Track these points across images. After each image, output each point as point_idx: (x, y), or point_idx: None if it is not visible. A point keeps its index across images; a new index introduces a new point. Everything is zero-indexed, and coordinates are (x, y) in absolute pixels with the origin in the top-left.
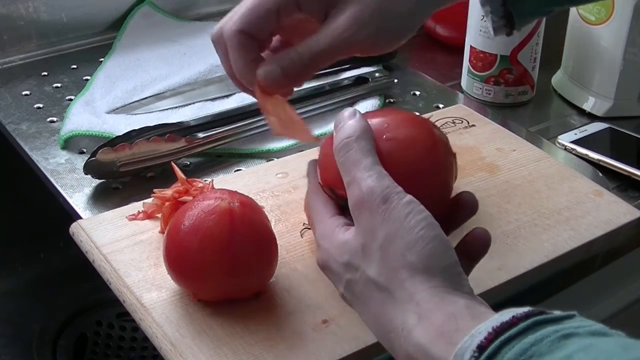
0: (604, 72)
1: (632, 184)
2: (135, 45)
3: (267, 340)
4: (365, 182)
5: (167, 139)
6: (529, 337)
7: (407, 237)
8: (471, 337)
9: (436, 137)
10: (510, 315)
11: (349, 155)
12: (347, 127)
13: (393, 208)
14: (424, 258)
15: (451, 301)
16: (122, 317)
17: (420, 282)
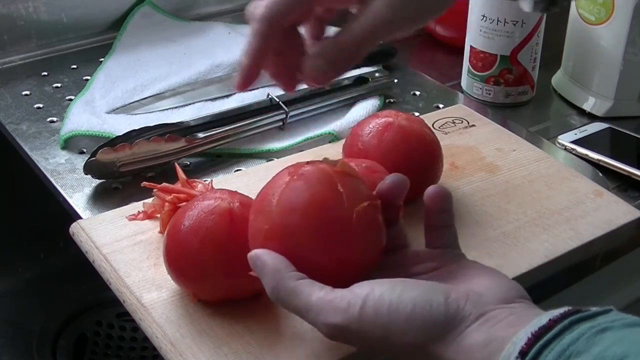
0: (604, 72)
1: (632, 184)
2: (135, 45)
3: (267, 340)
4: (318, 324)
5: (167, 139)
6: (566, 338)
7: (395, 330)
8: (513, 344)
9: (329, 204)
10: (547, 319)
11: (287, 307)
12: (264, 281)
13: (358, 322)
14: (424, 331)
15: (471, 347)
16: (122, 317)
17: (436, 347)
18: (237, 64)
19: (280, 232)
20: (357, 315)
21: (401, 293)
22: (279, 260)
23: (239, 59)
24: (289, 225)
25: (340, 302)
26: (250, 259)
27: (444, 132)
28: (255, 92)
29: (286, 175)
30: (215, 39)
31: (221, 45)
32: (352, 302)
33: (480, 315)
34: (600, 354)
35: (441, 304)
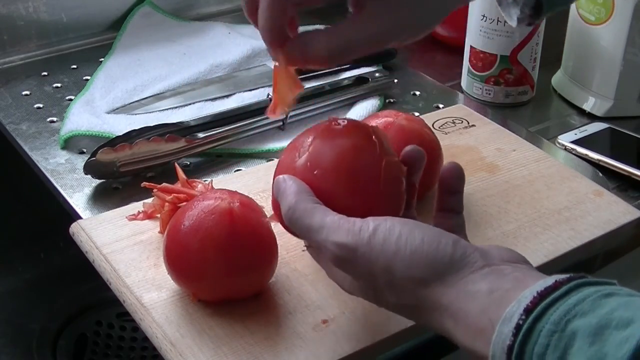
0: (604, 72)
1: (632, 184)
2: (135, 45)
3: (267, 340)
4: (328, 243)
5: (167, 139)
6: (572, 298)
7: (399, 262)
8: (518, 301)
9: (364, 148)
10: (553, 280)
11: (300, 226)
12: (284, 201)
13: (367, 247)
14: (427, 267)
15: (473, 294)
16: (122, 317)
17: (437, 287)
18: None
19: (312, 167)
20: (367, 239)
21: (412, 228)
22: (303, 187)
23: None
24: (322, 162)
25: (353, 225)
26: (276, 182)
27: (444, 132)
28: (255, 92)
29: (325, 122)
30: (215, 39)
31: (221, 45)
32: (364, 227)
33: (485, 265)
34: (606, 315)
35: (449, 245)
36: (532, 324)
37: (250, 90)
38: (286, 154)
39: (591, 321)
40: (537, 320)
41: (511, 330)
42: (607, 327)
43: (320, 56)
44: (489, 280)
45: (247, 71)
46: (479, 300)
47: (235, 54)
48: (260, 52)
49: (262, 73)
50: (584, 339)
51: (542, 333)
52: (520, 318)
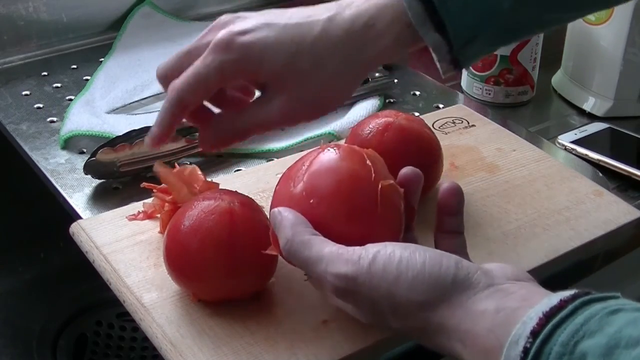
0: (604, 72)
1: (632, 184)
2: (135, 45)
3: (267, 340)
4: (327, 275)
5: None
6: (578, 318)
7: (401, 287)
8: (523, 324)
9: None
10: (558, 299)
11: (298, 259)
12: (281, 234)
13: (367, 275)
14: (430, 290)
15: (480, 313)
16: (122, 317)
17: (442, 310)
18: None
19: (307, 196)
20: (367, 267)
21: (413, 252)
22: (299, 218)
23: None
24: (317, 190)
25: (352, 255)
26: (272, 214)
27: (444, 132)
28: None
29: (318, 150)
30: None
31: None
32: (363, 255)
33: (490, 285)
34: (615, 334)
35: (451, 267)
36: (540, 346)
37: None
38: (281, 184)
39: (600, 341)
40: (545, 343)
41: (519, 354)
42: (617, 346)
43: (227, 137)
44: (495, 299)
45: None
46: (486, 320)
47: None
48: None
49: None
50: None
51: (550, 355)
52: (527, 341)
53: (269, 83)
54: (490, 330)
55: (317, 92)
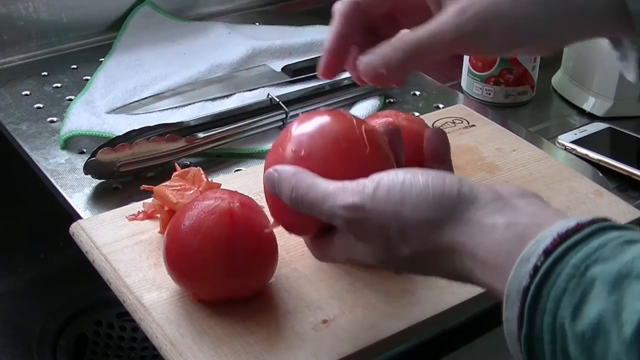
0: (604, 72)
1: (632, 184)
2: (135, 45)
3: (267, 340)
4: (335, 209)
5: (167, 139)
6: (593, 242)
7: (407, 206)
8: (537, 242)
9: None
10: (575, 222)
11: (306, 203)
12: (283, 186)
13: (373, 201)
14: (436, 207)
15: (490, 228)
16: (122, 317)
17: (451, 229)
18: (322, 50)
19: (297, 150)
20: (372, 193)
21: (415, 173)
22: (297, 168)
23: (324, 46)
24: (305, 142)
25: (357, 185)
26: (267, 175)
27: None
28: (255, 92)
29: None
30: (215, 39)
31: (221, 45)
32: (367, 184)
33: (496, 199)
34: (628, 264)
35: (455, 183)
36: (551, 266)
37: (250, 90)
38: (269, 158)
39: (612, 268)
40: (557, 263)
41: (529, 271)
42: (628, 276)
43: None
44: (504, 214)
45: (247, 71)
46: (497, 234)
47: (235, 54)
48: (260, 52)
49: (262, 73)
50: (603, 286)
51: (560, 276)
52: (538, 259)
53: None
54: (501, 245)
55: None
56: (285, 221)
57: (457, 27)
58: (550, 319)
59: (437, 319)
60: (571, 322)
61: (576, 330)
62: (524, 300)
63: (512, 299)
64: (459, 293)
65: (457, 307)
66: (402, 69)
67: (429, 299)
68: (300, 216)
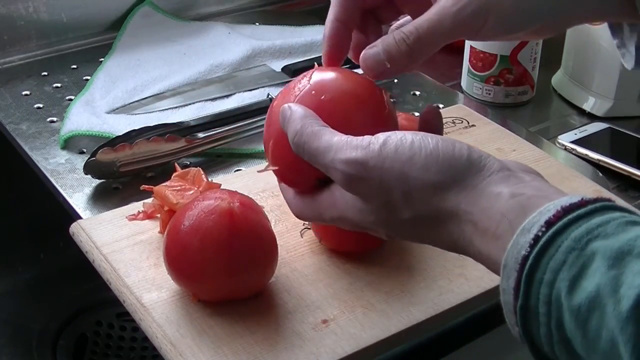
0: (604, 72)
1: (632, 184)
2: (135, 45)
3: (267, 340)
4: (336, 163)
5: (167, 139)
6: (596, 219)
7: (415, 166)
8: (539, 213)
9: (364, 78)
10: (580, 198)
11: (307, 150)
12: (290, 127)
13: (378, 158)
14: (445, 170)
15: (495, 196)
16: (122, 317)
17: (456, 194)
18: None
19: (318, 93)
20: (378, 149)
21: (424, 136)
22: (309, 111)
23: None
24: (328, 87)
25: (362, 141)
26: (282, 109)
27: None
28: (255, 92)
29: None
30: (215, 39)
31: (221, 45)
32: (373, 140)
33: (503, 169)
34: (629, 242)
35: (464, 148)
36: (552, 237)
37: (250, 90)
38: (282, 96)
39: (613, 244)
40: (558, 235)
41: (529, 241)
42: (629, 253)
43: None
44: (510, 185)
45: (247, 71)
46: (501, 203)
47: (235, 54)
48: (260, 52)
49: (262, 73)
50: (603, 261)
51: (560, 248)
52: (540, 230)
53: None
54: (504, 215)
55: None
56: (282, 166)
57: (455, 14)
58: (546, 290)
59: (437, 319)
60: (567, 294)
61: (572, 303)
62: (521, 270)
63: (509, 268)
64: (459, 293)
65: (457, 307)
66: (405, 61)
67: (429, 299)
68: (298, 164)
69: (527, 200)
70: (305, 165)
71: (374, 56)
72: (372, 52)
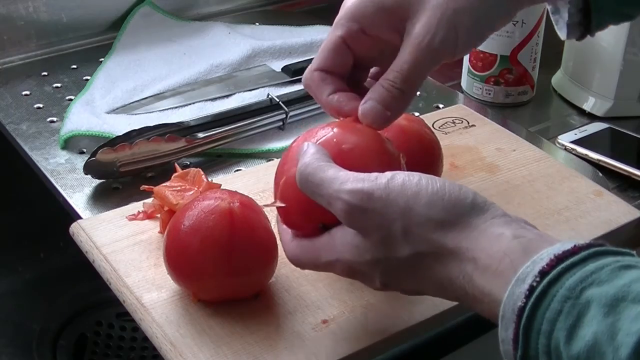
0: (604, 72)
1: (632, 184)
2: (135, 45)
3: (267, 340)
4: (341, 193)
5: (167, 139)
6: (589, 265)
7: (420, 202)
8: (533, 262)
9: (382, 136)
10: (572, 244)
11: (312, 180)
12: (300, 159)
13: (384, 190)
14: (449, 209)
15: (497, 236)
16: (122, 317)
17: (458, 232)
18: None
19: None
20: (385, 183)
21: (432, 177)
22: (323, 150)
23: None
24: (349, 138)
25: (369, 175)
26: (300, 147)
27: (444, 132)
28: (255, 92)
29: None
30: (215, 39)
31: (221, 45)
32: (380, 175)
33: (505, 215)
34: (624, 288)
35: (470, 191)
36: (547, 287)
37: (250, 90)
38: (303, 138)
39: (608, 291)
40: (552, 284)
41: (524, 291)
42: (624, 299)
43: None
44: (512, 228)
45: (247, 71)
46: (502, 242)
47: (235, 54)
48: (260, 52)
49: (262, 73)
50: (599, 309)
51: (555, 298)
52: (534, 280)
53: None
54: (505, 254)
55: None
56: (289, 205)
57: (427, 46)
58: (545, 340)
59: (437, 319)
60: (566, 344)
61: (571, 352)
62: (518, 321)
63: (507, 318)
64: None
65: (457, 307)
66: (402, 103)
67: (429, 299)
68: (305, 205)
69: (528, 242)
70: (311, 207)
71: (372, 110)
72: (368, 106)
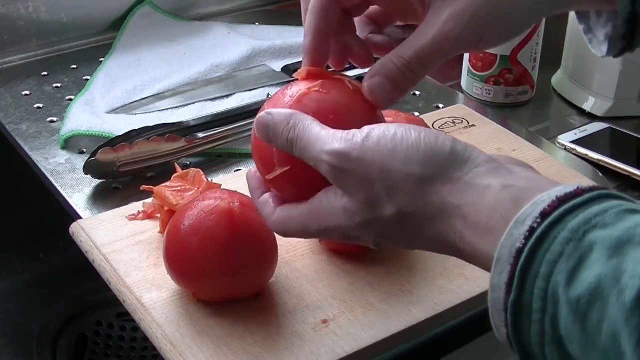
0: (604, 72)
1: (632, 184)
2: (135, 45)
3: (267, 340)
4: (322, 155)
5: (167, 139)
6: (593, 208)
7: (397, 159)
8: (533, 204)
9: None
10: (575, 187)
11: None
12: (276, 129)
13: (360, 150)
14: (428, 162)
15: (484, 188)
16: (122, 317)
17: (441, 187)
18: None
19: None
20: (360, 142)
21: (408, 128)
22: (293, 110)
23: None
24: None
25: (347, 134)
26: (259, 118)
27: (444, 132)
28: (255, 92)
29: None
30: (215, 39)
31: (221, 45)
32: (356, 133)
33: (490, 160)
34: (629, 230)
35: (448, 139)
36: (548, 228)
37: (250, 90)
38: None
39: (612, 234)
40: (554, 226)
41: (523, 233)
42: (629, 242)
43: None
44: (499, 176)
45: (247, 71)
46: (491, 195)
47: (235, 54)
48: (260, 52)
49: (262, 73)
50: (603, 251)
51: (557, 240)
52: (535, 221)
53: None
54: (494, 209)
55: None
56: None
57: (457, 37)
58: (542, 284)
59: (437, 319)
60: (566, 287)
61: (571, 295)
62: (515, 264)
63: (502, 262)
64: (459, 293)
65: (457, 307)
66: (411, 85)
67: (429, 299)
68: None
69: (519, 192)
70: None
71: (380, 87)
72: (376, 82)
